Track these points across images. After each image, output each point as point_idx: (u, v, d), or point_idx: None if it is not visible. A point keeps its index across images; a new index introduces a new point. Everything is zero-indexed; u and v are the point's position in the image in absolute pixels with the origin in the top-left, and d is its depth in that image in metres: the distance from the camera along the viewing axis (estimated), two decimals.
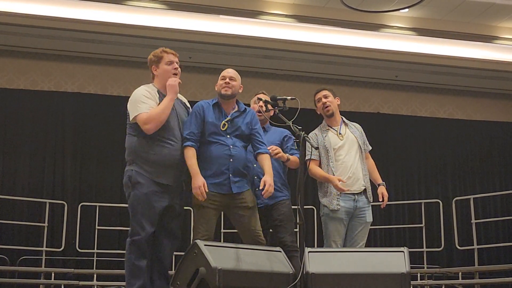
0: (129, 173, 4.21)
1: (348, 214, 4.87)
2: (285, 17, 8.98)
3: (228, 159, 4.36)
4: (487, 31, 9.62)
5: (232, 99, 4.54)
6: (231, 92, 4.50)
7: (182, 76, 4.52)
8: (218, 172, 4.35)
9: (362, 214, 4.90)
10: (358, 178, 4.93)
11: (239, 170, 4.40)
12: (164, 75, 4.37)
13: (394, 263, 4.05)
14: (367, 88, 10.77)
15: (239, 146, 4.44)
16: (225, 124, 4.45)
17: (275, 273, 3.97)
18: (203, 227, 4.29)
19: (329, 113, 5.07)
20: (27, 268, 8.08)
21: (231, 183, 4.35)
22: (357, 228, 4.90)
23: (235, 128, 4.47)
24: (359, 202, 4.90)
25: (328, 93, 5.12)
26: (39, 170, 9.36)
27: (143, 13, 8.68)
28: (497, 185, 11.00)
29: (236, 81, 4.55)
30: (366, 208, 4.92)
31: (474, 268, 8.04)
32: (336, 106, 5.11)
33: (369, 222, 4.94)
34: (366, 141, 5.16)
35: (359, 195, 4.91)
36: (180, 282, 3.84)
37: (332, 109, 5.06)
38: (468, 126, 11.18)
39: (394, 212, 10.47)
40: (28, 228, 8.71)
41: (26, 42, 9.22)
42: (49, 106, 9.58)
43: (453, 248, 9.41)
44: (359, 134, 5.09)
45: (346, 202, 4.87)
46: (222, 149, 4.38)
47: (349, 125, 5.12)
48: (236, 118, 4.51)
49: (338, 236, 4.86)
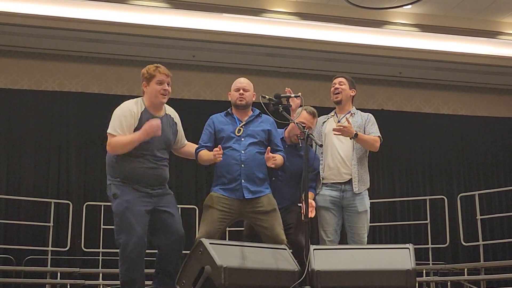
0: (109, 187, 4.27)
1: (335, 204, 4.83)
2: (288, 14, 8.98)
3: (240, 165, 4.40)
4: (491, 26, 9.59)
5: (247, 109, 4.61)
6: (245, 102, 4.58)
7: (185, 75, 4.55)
8: (231, 179, 4.40)
9: (352, 204, 4.83)
10: (344, 167, 4.85)
11: (252, 175, 4.40)
12: (153, 94, 4.31)
13: (400, 259, 4.05)
14: (370, 85, 10.74)
15: (253, 151, 4.45)
16: (240, 129, 4.51)
17: (281, 271, 3.98)
18: (204, 228, 4.32)
19: (337, 99, 5.02)
20: (33, 267, 8.09)
21: (243, 189, 4.37)
22: (353, 219, 4.84)
23: (250, 133, 4.50)
24: (346, 192, 4.83)
25: (345, 81, 5.05)
26: (44, 170, 9.38)
27: (146, 12, 8.68)
28: (502, 181, 10.97)
29: (249, 91, 4.62)
30: (355, 197, 4.83)
31: (480, 264, 8.03)
32: (349, 96, 5.03)
33: (363, 211, 4.83)
34: (371, 128, 4.94)
35: (345, 185, 4.84)
36: (186, 281, 3.84)
37: (341, 96, 5.00)
38: (472, 122, 11.15)
39: (399, 208, 10.47)
40: (33, 228, 8.72)
41: (29, 42, 9.24)
42: (53, 106, 9.60)
43: (458, 244, 9.39)
44: (360, 124, 4.94)
45: (332, 191, 4.85)
46: (234, 156, 4.42)
47: (355, 115, 5.00)
48: (251, 123, 4.57)
49: (326, 225, 4.83)
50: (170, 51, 9.34)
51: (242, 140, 4.47)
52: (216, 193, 4.42)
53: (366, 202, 4.89)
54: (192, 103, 9.72)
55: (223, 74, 9.95)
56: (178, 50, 9.40)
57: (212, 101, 9.89)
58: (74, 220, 8.65)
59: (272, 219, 4.38)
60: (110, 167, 4.30)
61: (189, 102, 9.76)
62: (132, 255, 4.06)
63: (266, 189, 4.47)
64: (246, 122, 4.56)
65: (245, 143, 4.46)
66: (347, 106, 5.05)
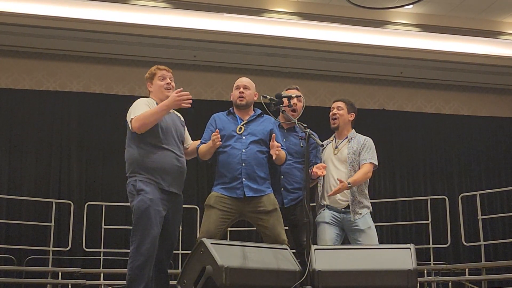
0: (133, 183, 4.29)
1: (336, 222, 4.80)
2: (289, 14, 8.98)
3: (241, 164, 4.39)
4: (492, 26, 9.59)
5: (248, 108, 4.60)
6: (245, 102, 4.57)
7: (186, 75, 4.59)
8: (232, 178, 4.39)
9: (354, 225, 4.79)
10: (341, 194, 4.80)
11: (253, 174, 4.39)
12: (158, 90, 4.49)
13: (401, 259, 4.05)
14: (371, 85, 10.74)
15: (254, 150, 4.43)
16: (241, 128, 4.50)
17: (282, 271, 3.98)
18: (205, 228, 4.33)
19: (334, 126, 4.99)
20: (34, 267, 8.10)
21: (244, 187, 4.35)
22: (357, 237, 4.80)
23: (251, 132, 4.49)
24: (347, 214, 4.81)
25: (343, 105, 4.99)
26: (45, 170, 9.38)
27: (147, 12, 8.68)
28: (503, 180, 10.96)
29: (250, 90, 4.61)
30: (355, 219, 4.79)
31: (481, 264, 8.02)
32: (347, 121, 4.97)
33: (366, 228, 4.80)
34: (364, 155, 4.87)
35: (345, 208, 4.81)
36: (187, 281, 3.84)
37: (339, 122, 4.96)
38: (473, 122, 11.15)
39: (400, 208, 10.46)
40: (35, 228, 8.73)
41: (30, 42, 9.24)
42: (55, 106, 9.60)
43: (459, 244, 9.39)
44: (355, 150, 4.88)
45: (333, 212, 4.82)
46: (234, 155, 4.42)
47: (352, 141, 4.94)
48: (252, 121, 4.56)
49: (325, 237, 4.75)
50: (171, 51, 9.35)
51: (243, 139, 4.46)
52: (216, 192, 4.42)
53: (368, 221, 4.83)
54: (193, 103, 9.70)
55: (224, 74, 9.96)
56: (179, 50, 9.40)
57: (213, 101, 9.89)
58: (75, 220, 8.65)
59: (273, 219, 4.36)
60: (135, 163, 4.30)
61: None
62: (146, 253, 4.12)
63: (267, 189, 4.45)
64: (247, 120, 4.55)
65: (246, 141, 4.45)
66: (345, 131, 5.00)
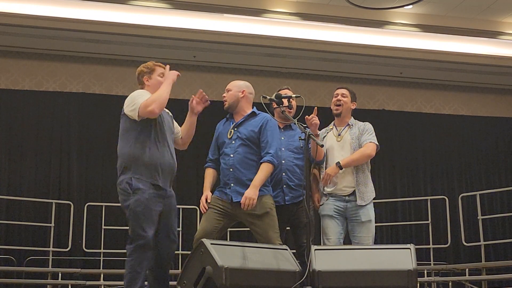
0: (128, 180, 4.18)
1: (339, 213, 4.84)
2: (289, 15, 8.98)
3: (229, 169, 4.42)
4: (492, 26, 9.60)
5: (235, 109, 4.58)
6: (228, 104, 4.60)
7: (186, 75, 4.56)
8: (224, 183, 4.46)
9: (355, 215, 4.83)
10: (346, 180, 4.86)
11: (242, 178, 4.38)
12: (157, 85, 4.37)
13: (401, 260, 4.04)
14: (371, 85, 10.75)
15: (242, 154, 4.42)
16: (231, 131, 4.51)
17: (282, 271, 3.98)
18: (202, 226, 4.39)
19: (337, 112, 5.03)
20: (34, 268, 8.09)
21: (232, 192, 4.39)
22: (356, 229, 4.83)
23: (239, 135, 4.47)
24: (351, 202, 4.84)
25: (347, 93, 5.05)
26: (45, 171, 9.38)
27: (147, 13, 8.69)
28: (503, 181, 10.97)
29: (231, 91, 4.61)
30: (359, 208, 4.82)
31: (481, 264, 8.02)
32: (349, 109, 5.03)
33: (367, 221, 4.83)
34: (365, 136, 4.93)
35: (349, 196, 4.85)
36: (187, 281, 3.84)
37: (342, 109, 5.00)
38: (473, 122, 11.15)
39: (400, 209, 10.46)
40: (34, 228, 8.73)
41: (30, 43, 9.24)
42: (54, 106, 9.60)
43: (459, 245, 9.39)
44: (357, 135, 4.94)
45: (336, 201, 4.86)
46: (225, 160, 4.46)
47: (353, 127, 5.00)
48: (242, 124, 4.53)
49: (330, 233, 4.82)
50: (171, 51, 9.34)
51: (232, 143, 4.47)
52: (214, 195, 4.49)
53: (370, 213, 4.87)
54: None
55: (224, 75, 9.94)
56: (179, 51, 9.40)
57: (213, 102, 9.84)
58: (75, 221, 8.65)
59: (264, 224, 4.35)
60: (131, 158, 4.21)
61: None
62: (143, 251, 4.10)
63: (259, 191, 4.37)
64: (237, 124, 4.53)
65: (235, 146, 4.45)
66: (346, 119, 5.05)
